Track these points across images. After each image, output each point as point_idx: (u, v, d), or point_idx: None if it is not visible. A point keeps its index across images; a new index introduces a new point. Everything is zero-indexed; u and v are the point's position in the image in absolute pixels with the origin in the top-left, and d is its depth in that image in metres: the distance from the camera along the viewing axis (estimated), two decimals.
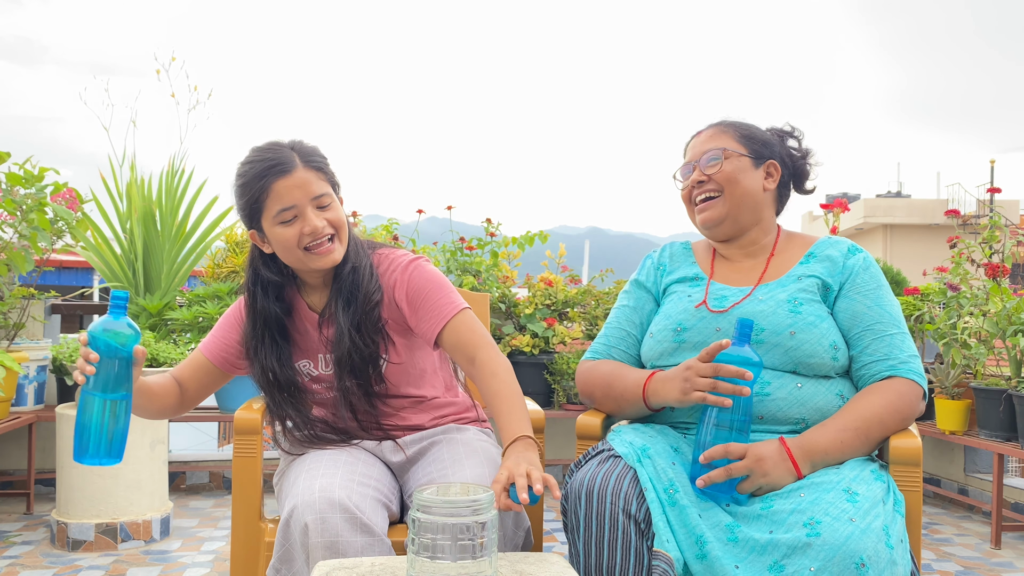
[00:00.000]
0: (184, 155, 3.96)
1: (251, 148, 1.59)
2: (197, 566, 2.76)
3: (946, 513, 3.76)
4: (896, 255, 17.81)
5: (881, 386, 1.46)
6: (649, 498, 1.34)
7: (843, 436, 1.39)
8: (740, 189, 1.58)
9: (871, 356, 1.49)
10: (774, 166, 1.63)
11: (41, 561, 2.79)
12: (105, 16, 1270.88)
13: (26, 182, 3.01)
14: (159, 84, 4.16)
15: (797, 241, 1.65)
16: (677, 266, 1.70)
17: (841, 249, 1.58)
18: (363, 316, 1.60)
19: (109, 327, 1.39)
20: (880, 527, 1.24)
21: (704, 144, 1.62)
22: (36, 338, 3.61)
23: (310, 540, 1.36)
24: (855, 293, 1.52)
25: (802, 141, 1.71)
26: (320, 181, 1.56)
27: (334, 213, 1.57)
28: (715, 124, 1.66)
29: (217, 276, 3.90)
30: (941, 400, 3.47)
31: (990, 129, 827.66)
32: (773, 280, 1.57)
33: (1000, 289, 3.31)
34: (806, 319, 1.48)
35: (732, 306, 1.54)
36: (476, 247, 4.46)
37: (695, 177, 1.61)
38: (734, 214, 1.59)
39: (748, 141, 1.62)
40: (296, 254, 1.56)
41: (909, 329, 3.99)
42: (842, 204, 3.97)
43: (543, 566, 1.23)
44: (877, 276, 1.55)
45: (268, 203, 1.53)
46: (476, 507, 1.10)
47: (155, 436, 2.99)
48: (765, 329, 1.48)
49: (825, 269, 1.55)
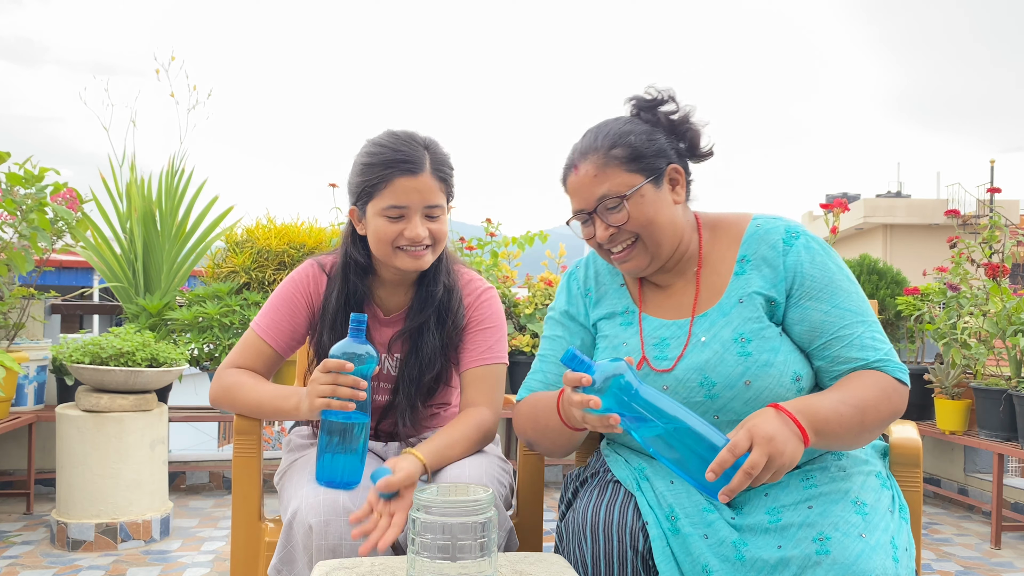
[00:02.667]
0: (184, 155, 3.96)
1: (387, 131, 1.56)
2: (197, 566, 2.76)
3: (946, 513, 3.76)
4: (896, 255, 17.81)
5: (868, 374, 1.31)
6: (652, 534, 1.28)
7: (842, 409, 1.23)
8: (658, 226, 1.35)
9: (844, 364, 1.32)
10: (675, 170, 1.38)
11: (41, 561, 2.79)
12: (105, 16, 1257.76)
13: (26, 182, 3.01)
14: (159, 84, 4.16)
15: (722, 235, 1.43)
16: (604, 293, 1.49)
17: (775, 245, 1.36)
18: (448, 340, 1.63)
19: (352, 350, 1.42)
20: (888, 541, 1.21)
21: (591, 187, 1.35)
22: (36, 338, 3.61)
23: (314, 543, 1.36)
24: (807, 300, 1.33)
25: (676, 100, 1.41)
26: (439, 192, 1.54)
27: (439, 225, 1.55)
28: (589, 155, 1.36)
29: (217, 276, 3.90)
30: (941, 400, 3.47)
31: (990, 129, 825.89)
32: (712, 307, 1.37)
33: (1000, 289, 3.31)
34: (759, 361, 1.30)
35: (676, 362, 1.35)
36: (476, 247, 4.46)
37: (601, 235, 1.37)
38: (659, 253, 1.37)
39: (637, 162, 1.35)
40: (386, 249, 1.54)
41: (909, 329, 4.00)
42: (842, 204, 3.97)
43: (543, 566, 1.23)
44: (825, 265, 1.35)
45: (383, 193, 1.51)
46: (476, 507, 1.10)
47: (155, 436, 2.99)
48: (717, 383, 1.31)
49: (764, 279, 1.36)
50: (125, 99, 4.70)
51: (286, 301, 1.65)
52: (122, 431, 2.89)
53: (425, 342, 1.62)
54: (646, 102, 1.42)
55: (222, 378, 1.63)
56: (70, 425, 2.88)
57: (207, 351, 3.65)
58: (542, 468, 1.72)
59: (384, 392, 1.66)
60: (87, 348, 2.91)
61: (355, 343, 1.43)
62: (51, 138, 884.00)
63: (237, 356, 1.64)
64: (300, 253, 3.83)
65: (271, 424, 7.03)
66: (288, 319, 1.64)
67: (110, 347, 2.91)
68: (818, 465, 1.35)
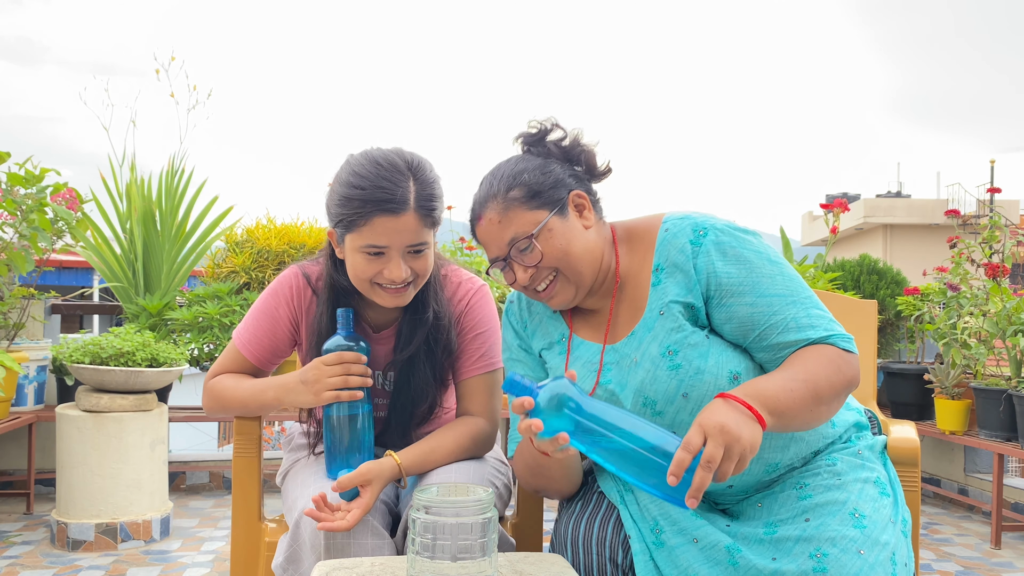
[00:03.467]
0: (184, 155, 3.97)
1: (370, 159, 1.41)
2: (197, 566, 2.76)
3: (946, 513, 3.76)
4: (896, 255, 17.81)
5: (812, 349, 1.25)
6: (634, 548, 1.27)
7: (792, 385, 1.17)
8: (573, 256, 1.31)
9: (786, 349, 1.27)
10: (578, 195, 1.35)
11: (41, 561, 2.79)
12: (105, 16, 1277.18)
13: (26, 182, 3.02)
14: (159, 84, 4.16)
15: (637, 245, 1.38)
16: (538, 323, 1.46)
17: (683, 249, 1.30)
18: (439, 369, 1.59)
19: (347, 344, 1.44)
20: (887, 558, 1.19)
21: (498, 234, 1.32)
22: (36, 338, 3.61)
23: (322, 542, 1.36)
24: (729, 298, 1.28)
25: (561, 127, 1.39)
26: (424, 229, 1.42)
27: (423, 262, 1.46)
28: (488, 203, 1.34)
29: (217, 276, 3.90)
30: (941, 400, 3.47)
31: (990, 129, 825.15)
32: (637, 324, 1.34)
33: (1000, 289, 3.31)
34: (689, 370, 1.27)
35: (593, 390, 1.34)
36: (476, 247, 4.46)
37: (521, 278, 1.34)
38: (582, 282, 1.33)
39: (537, 198, 1.31)
40: (364, 285, 1.46)
41: (909, 329, 4.00)
42: (842, 204, 3.97)
43: (543, 566, 1.23)
44: (740, 257, 1.29)
45: (362, 230, 1.39)
46: (476, 507, 1.10)
47: (155, 436, 2.99)
48: (657, 401, 1.29)
49: (679, 285, 1.30)
50: (125, 99, 4.70)
51: (267, 315, 1.60)
52: (122, 431, 2.89)
53: (416, 373, 1.57)
54: (532, 136, 1.39)
55: (208, 389, 1.63)
56: (70, 425, 2.88)
57: (207, 351, 3.65)
58: None
59: (381, 408, 1.63)
60: (87, 348, 2.91)
61: (347, 338, 1.44)
62: (51, 138, 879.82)
63: (219, 366, 1.63)
64: (300, 253, 3.83)
65: (271, 424, 7.03)
66: (269, 334, 1.59)
67: (110, 347, 2.91)
68: (810, 470, 1.32)
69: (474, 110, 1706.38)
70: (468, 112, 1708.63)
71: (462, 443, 1.53)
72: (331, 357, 1.41)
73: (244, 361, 1.61)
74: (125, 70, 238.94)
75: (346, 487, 1.35)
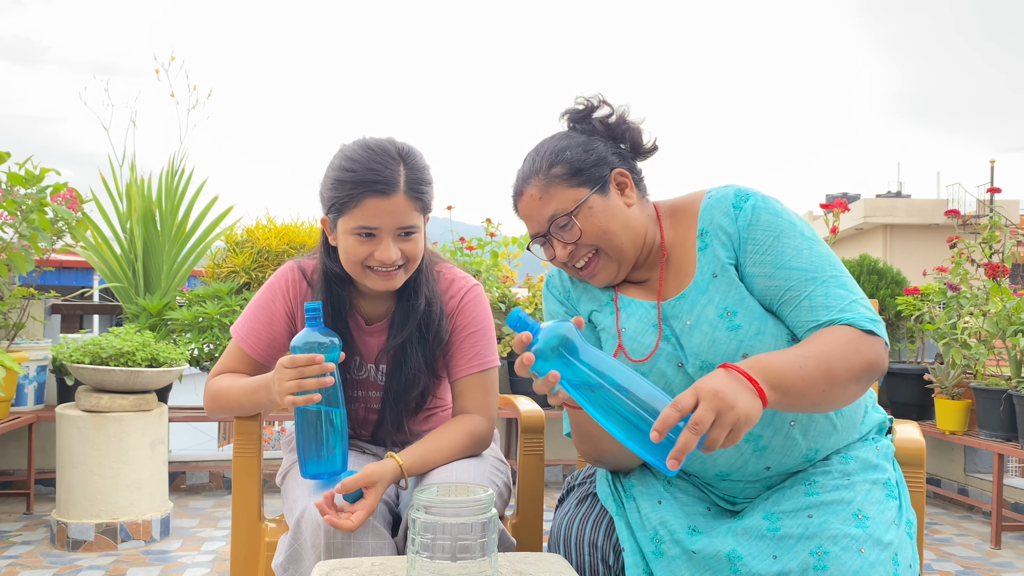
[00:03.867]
0: (184, 155, 3.96)
1: (362, 145, 1.46)
2: (197, 566, 2.76)
3: (946, 513, 3.76)
4: (896, 255, 17.81)
5: (831, 328, 1.22)
6: (627, 559, 1.26)
7: (802, 362, 1.13)
8: (613, 233, 1.32)
9: (800, 328, 1.25)
10: (620, 174, 1.35)
11: (41, 561, 2.79)
12: (105, 16, 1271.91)
13: (26, 182, 3.01)
14: (159, 84, 4.16)
15: (682, 217, 1.38)
16: (583, 289, 1.44)
17: (727, 212, 1.30)
18: (431, 355, 1.61)
19: (315, 339, 1.39)
20: (889, 558, 1.18)
21: (539, 210, 1.34)
22: (36, 338, 3.61)
23: (322, 541, 1.36)
24: (751, 265, 1.28)
25: (608, 103, 1.38)
26: (414, 212, 1.46)
27: (413, 245, 1.49)
28: (531, 179, 1.35)
29: (217, 276, 3.90)
30: (941, 400, 3.47)
31: (990, 129, 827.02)
32: (688, 287, 1.33)
33: (1000, 289, 3.31)
34: (750, 331, 1.26)
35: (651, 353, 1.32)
36: (476, 247, 4.46)
37: (560, 254, 1.35)
38: (624, 258, 1.34)
39: (579, 175, 1.32)
40: (356, 268, 1.49)
41: (909, 329, 4.00)
42: (842, 204, 3.97)
43: (543, 566, 1.23)
44: (771, 224, 1.28)
45: (353, 212, 1.44)
46: (476, 507, 1.10)
47: (155, 436, 2.99)
48: (715, 364, 1.26)
49: (725, 247, 1.30)
50: (125, 99, 4.70)
51: (264, 308, 1.61)
52: (122, 431, 2.89)
53: (408, 359, 1.59)
54: (578, 113, 1.39)
55: (207, 389, 1.63)
56: (70, 425, 2.88)
57: (207, 351, 3.65)
58: (542, 468, 1.72)
59: (375, 400, 1.65)
60: (87, 348, 2.91)
61: (315, 332, 1.40)
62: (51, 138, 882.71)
63: (221, 365, 1.64)
64: (300, 253, 3.83)
65: (271, 424, 7.03)
66: (266, 327, 1.61)
67: (110, 347, 2.91)
68: (821, 468, 1.31)
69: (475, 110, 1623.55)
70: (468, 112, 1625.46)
71: (461, 442, 1.54)
72: (286, 360, 1.38)
73: (243, 355, 1.61)
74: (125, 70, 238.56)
75: (350, 489, 1.35)
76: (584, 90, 1.39)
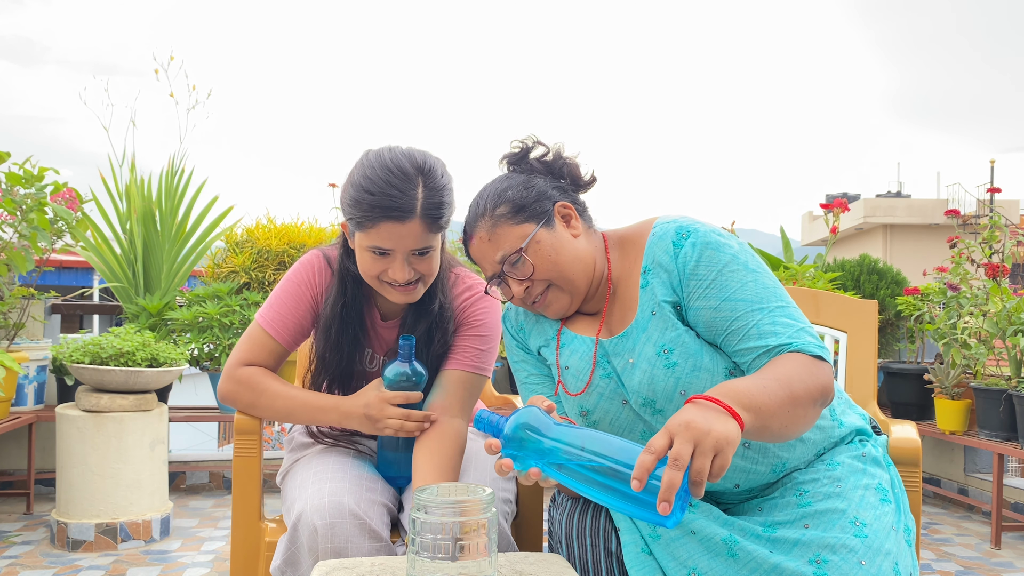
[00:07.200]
0: (184, 155, 3.97)
1: (382, 163, 1.43)
2: (197, 566, 2.76)
3: (946, 513, 3.76)
4: (896, 255, 17.81)
5: (781, 356, 1.22)
6: (624, 540, 1.27)
7: (766, 383, 1.13)
8: (563, 265, 1.35)
9: (747, 355, 1.25)
10: (563, 207, 1.38)
11: (41, 561, 2.79)
12: (105, 16, 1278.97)
13: (26, 182, 3.01)
14: (159, 84, 4.17)
15: (629, 249, 1.41)
16: (533, 323, 1.49)
17: (667, 249, 1.32)
18: (436, 359, 1.61)
19: (409, 374, 1.52)
20: (890, 567, 1.18)
21: (490, 252, 1.37)
22: (36, 338, 3.61)
23: (319, 545, 1.36)
24: (695, 300, 1.29)
25: (542, 143, 1.44)
26: (430, 235, 1.44)
27: (428, 263, 1.49)
28: (477, 222, 1.38)
29: (217, 276, 3.90)
30: (941, 400, 3.47)
31: (990, 129, 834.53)
32: (630, 324, 1.35)
33: (1000, 289, 3.31)
34: (686, 368, 1.27)
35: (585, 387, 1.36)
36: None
37: (516, 292, 1.37)
38: (575, 290, 1.37)
39: (522, 211, 1.35)
40: (373, 280, 1.50)
41: (909, 329, 4.00)
42: (842, 204, 3.97)
43: (543, 566, 1.23)
44: (713, 260, 1.28)
45: (369, 232, 1.43)
46: (476, 507, 1.10)
47: (155, 436, 2.99)
48: (656, 400, 1.29)
49: (664, 285, 1.32)
50: (125, 99, 4.70)
51: (291, 294, 1.62)
52: (122, 431, 2.89)
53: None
54: (515, 155, 1.44)
55: (237, 376, 1.60)
56: (70, 425, 2.88)
57: (207, 351, 3.65)
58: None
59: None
60: (87, 348, 2.91)
61: (408, 367, 1.52)
62: (51, 138, 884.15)
63: (245, 352, 1.61)
64: (300, 253, 3.83)
65: (271, 424, 7.02)
66: (293, 312, 1.61)
67: (110, 347, 2.91)
68: (808, 475, 1.31)
69: (475, 110, 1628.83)
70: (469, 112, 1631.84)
71: (455, 461, 1.53)
72: (396, 397, 1.50)
73: (269, 340, 1.60)
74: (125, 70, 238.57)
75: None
76: (519, 134, 1.45)
